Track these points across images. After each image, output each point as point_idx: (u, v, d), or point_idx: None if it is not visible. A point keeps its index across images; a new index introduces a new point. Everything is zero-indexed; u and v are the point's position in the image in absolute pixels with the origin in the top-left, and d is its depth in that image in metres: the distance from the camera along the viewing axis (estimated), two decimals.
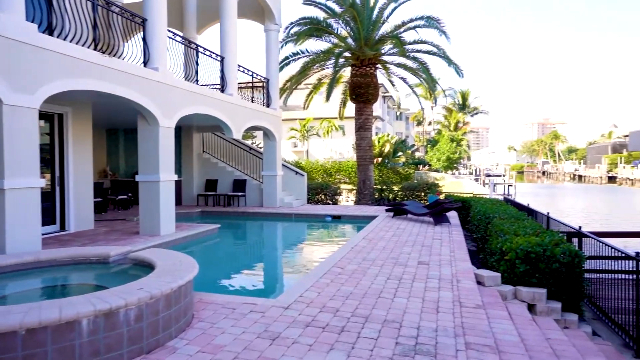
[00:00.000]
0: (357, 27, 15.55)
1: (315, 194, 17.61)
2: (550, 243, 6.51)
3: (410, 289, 5.55)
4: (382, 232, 9.93)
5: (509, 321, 5.17)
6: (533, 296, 6.22)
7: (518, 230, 7.69)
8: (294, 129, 40.07)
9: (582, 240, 8.05)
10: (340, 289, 5.46)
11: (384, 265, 6.78)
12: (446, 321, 4.46)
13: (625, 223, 25.40)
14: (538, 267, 6.35)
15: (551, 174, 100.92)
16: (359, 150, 17.01)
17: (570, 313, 6.26)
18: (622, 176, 65.74)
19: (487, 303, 5.75)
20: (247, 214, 14.11)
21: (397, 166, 37.64)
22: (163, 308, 3.57)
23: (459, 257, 7.54)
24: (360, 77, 16.27)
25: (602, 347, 5.63)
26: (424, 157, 53.06)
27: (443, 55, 15.85)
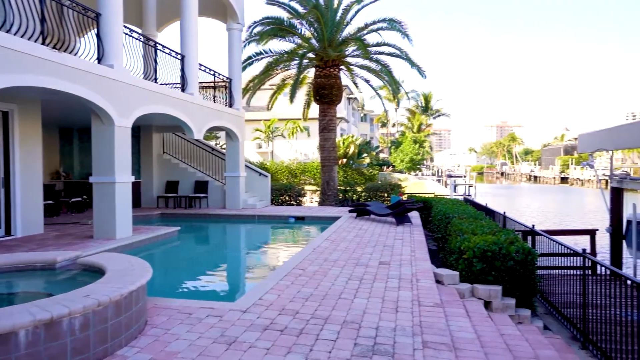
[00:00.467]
0: (320, 29, 15.57)
1: (279, 195, 17.50)
2: (505, 241, 6.71)
3: (370, 289, 5.57)
4: (344, 232, 9.96)
5: (465, 318, 5.28)
6: (489, 293, 6.39)
7: (476, 229, 7.89)
8: (258, 129, 39.74)
9: (535, 238, 8.35)
10: (301, 290, 5.41)
11: (346, 266, 6.78)
12: (405, 320, 4.49)
13: (575, 221, 26.67)
14: (494, 265, 6.53)
15: (509, 175, 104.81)
16: (323, 152, 17.04)
17: (524, 309, 6.47)
18: (573, 177, 69.22)
19: (446, 301, 5.86)
20: (209, 216, 13.82)
21: (362, 167, 38.01)
22: (112, 315, 3.40)
23: (419, 256, 7.65)
24: (324, 78, 16.30)
25: (552, 340, 5.83)
26: (388, 158, 53.87)
27: (405, 57, 16.12)
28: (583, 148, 12.05)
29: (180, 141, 16.37)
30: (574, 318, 6.31)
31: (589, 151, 11.62)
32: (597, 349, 5.57)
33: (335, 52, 15.70)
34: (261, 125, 39.58)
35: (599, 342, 5.53)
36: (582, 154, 12.21)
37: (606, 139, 10.87)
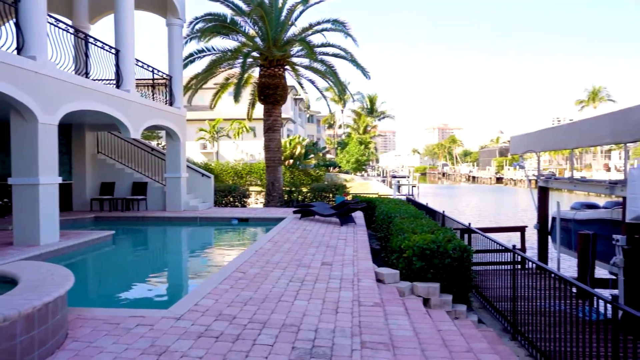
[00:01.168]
0: (265, 28, 15.37)
1: (223, 197, 17.09)
2: (443, 240, 6.91)
3: (311, 291, 5.51)
4: (288, 234, 9.86)
5: (405, 316, 5.37)
6: (428, 291, 6.55)
7: (416, 228, 8.08)
8: (203, 129, 38.68)
9: (471, 235, 8.69)
10: (240, 294, 5.25)
11: (288, 268, 6.69)
12: (344, 321, 4.47)
13: (509, 219, 28.28)
14: (433, 262, 6.69)
15: (450, 175, 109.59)
16: (268, 152, 16.84)
17: (460, 304, 6.69)
18: (507, 177, 73.63)
19: (386, 300, 5.93)
20: (147, 219, 13.20)
21: (309, 168, 38.07)
22: (23, 331, 3.08)
23: (361, 256, 7.71)
24: (269, 78, 16.11)
25: (485, 333, 6.08)
26: (335, 159, 54.43)
27: (350, 59, 16.29)
28: (514, 150, 12.77)
29: (117, 140, 15.53)
30: (505, 311, 6.61)
31: (520, 152, 12.34)
32: (525, 339, 5.86)
33: (280, 51, 15.56)
34: (206, 125, 38.56)
35: (527, 333, 5.82)
36: (514, 155, 12.93)
37: (534, 141, 11.59)
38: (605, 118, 9.06)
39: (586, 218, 10.00)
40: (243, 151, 41.69)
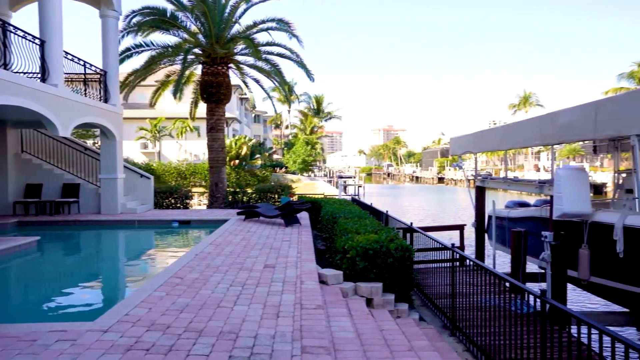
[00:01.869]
0: (208, 24, 14.92)
1: (164, 198, 16.40)
2: (386, 240, 6.97)
3: (252, 295, 5.35)
4: (231, 236, 9.59)
5: (347, 318, 5.34)
6: (371, 291, 6.58)
7: (360, 228, 8.12)
8: (143, 128, 37.07)
9: (412, 235, 8.87)
10: (176, 301, 4.98)
11: (229, 272, 6.47)
12: (285, 326, 4.35)
13: (450, 217, 29.46)
14: (376, 262, 6.74)
15: (394, 176, 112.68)
16: (211, 152, 16.36)
17: (402, 303, 6.79)
18: (448, 177, 76.92)
19: (329, 302, 5.88)
20: (79, 223, 12.36)
21: (255, 168, 37.58)
22: None
23: (305, 257, 7.63)
24: (212, 76, 15.65)
25: (426, 330, 6.20)
26: (281, 159, 54.17)
27: (296, 59, 16.20)
28: (454, 151, 13.26)
29: (45, 139, 14.42)
30: (444, 308, 6.78)
31: (459, 153, 12.82)
32: (462, 335, 6.03)
33: (223, 49, 15.16)
34: (147, 124, 36.97)
35: (465, 328, 5.99)
36: (454, 155, 13.44)
37: (472, 142, 12.09)
38: (535, 121, 9.62)
39: (518, 216, 10.56)
40: (187, 151, 40.41)
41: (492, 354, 5.23)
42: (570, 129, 7.30)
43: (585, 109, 6.78)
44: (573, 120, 7.21)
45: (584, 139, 7.54)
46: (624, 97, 6.56)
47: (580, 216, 7.30)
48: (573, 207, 7.20)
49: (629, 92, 6.77)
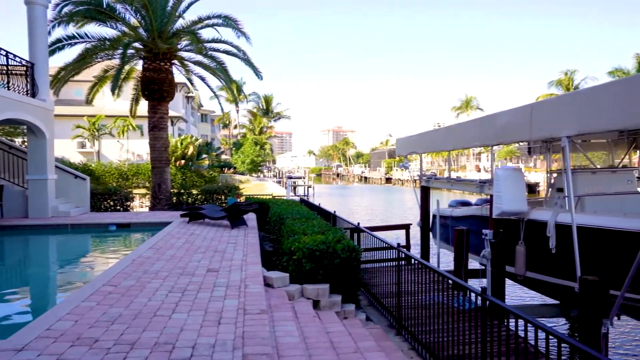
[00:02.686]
0: (149, 17, 14.23)
1: (101, 201, 15.48)
2: (333, 240, 6.90)
3: (193, 302, 5.08)
4: (173, 239, 9.16)
5: (292, 322, 5.20)
6: (317, 292, 6.49)
7: (307, 229, 8.00)
8: (80, 126, 34.96)
9: (359, 235, 8.89)
10: (108, 312, 4.61)
11: (169, 277, 6.13)
12: (227, 333, 4.15)
13: (398, 217, 30.14)
14: (322, 263, 6.65)
15: (344, 176, 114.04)
16: (154, 152, 15.63)
17: (349, 304, 6.75)
18: (395, 177, 78.93)
19: (274, 305, 5.72)
20: (3, 228, 11.34)
21: (202, 169, 36.56)
22: None
23: (251, 260, 7.41)
24: (154, 72, 14.94)
25: (373, 330, 6.20)
26: (230, 159, 53.12)
27: (243, 57, 15.83)
28: (400, 151, 13.50)
29: None
30: (391, 307, 6.82)
31: (404, 154, 13.07)
32: (408, 333, 6.08)
33: (166, 44, 14.51)
34: (84, 121, 34.91)
35: (410, 327, 6.04)
36: (400, 156, 13.68)
37: (417, 143, 12.36)
38: (475, 123, 9.97)
39: (460, 215, 10.90)
40: (129, 151, 38.59)
41: (436, 351, 5.30)
42: (508, 130, 7.61)
43: (522, 112, 7.09)
44: (510, 122, 7.52)
45: (520, 140, 7.89)
46: (555, 101, 6.93)
47: (517, 214, 7.61)
48: (511, 206, 7.49)
49: (560, 96, 7.17)
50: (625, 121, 4.97)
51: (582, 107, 5.67)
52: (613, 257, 5.99)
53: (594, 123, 5.47)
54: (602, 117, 5.30)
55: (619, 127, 5.56)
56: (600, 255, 6.15)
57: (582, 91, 5.77)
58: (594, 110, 5.43)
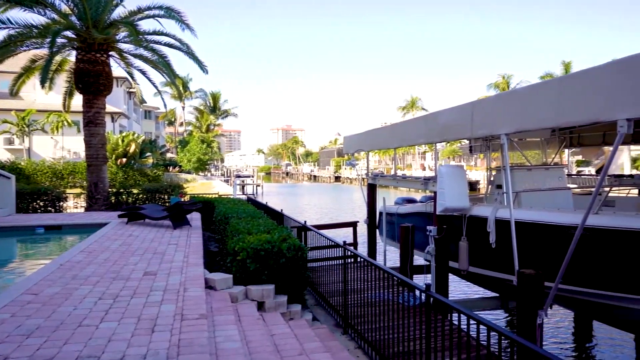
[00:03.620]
0: (82, 5, 13.27)
1: (30, 201, 14.31)
2: (278, 239, 6.72)
3: (125, 308, 4.70)
4: (109, 241, 8.58)
5: (234, 325, 4.96)
6: (262, 293, 6.28)
7: (252, 228, 7.77)
8: (7, 121, 32.33)
9: (306, 233, 8.76)
10: (24, 324, 4.15)
11: (100, 283, 5.67)
12: (161, 342, 3.85)
13: (347, 214, 30.39)
14: (268, 263, 6.45)
15: (293, 175, 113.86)
16: (90, 149, 14.65)
17: (295, 304, 6.59)
18: (344, 176, 79.80)
19: (216, 309, 5.45)
20: None
21: (145, 167, 35.06)
22: None
23: (192, 262, 7.07)
24: (89, 64, 13.98)
25: (319, 331, 6.07)
26: (175, 158, 51.31)
27: (186, 50, 15.20)
28: (347, 149, 13.53)
29: None
30: (337, 305, 6.74)
31: (351, 152, 13.11)
32: (355, 332, 6.02)
33: (101, 34, 13.60)
34: (13, 116, 32.33)
35: (357, 325, 5.98)
36: (347, 154, 13.72)
37: (363, 141, 12.43)
38: (420, 121, 10.15)
39: (406, 212, 11.07)
40: (64, 148, 36.21)
41: (382, 349, 5.26)
42: (450, 128, 7.77)
43: (463, 110, 7.26)
44: (453, 120, 7.69)
45: (462, 138, 8.09)
46: (494, 100, 7.15)
47: (459, 211, 7.79)
48: (453, 202, 7.65)
49: (498, 95, 7.42)
50: (558, 119, 5.18)
51: (519, 105, 5.87)
52: (548, 250, 6.25)
53: (530, 121, 5.68)
54: (538, 116, 5.50)
55: (552, 125, 5.80)
56: (537, 249, 6.41)
57: (519, 90, 5.96)
58: (530, 108, 5.63)
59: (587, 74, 4.68)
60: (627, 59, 4.30)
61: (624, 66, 4.27)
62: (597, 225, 5.42)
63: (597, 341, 9.21)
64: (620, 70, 4.30)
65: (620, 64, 4.31)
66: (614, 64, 4.35)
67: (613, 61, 4.37)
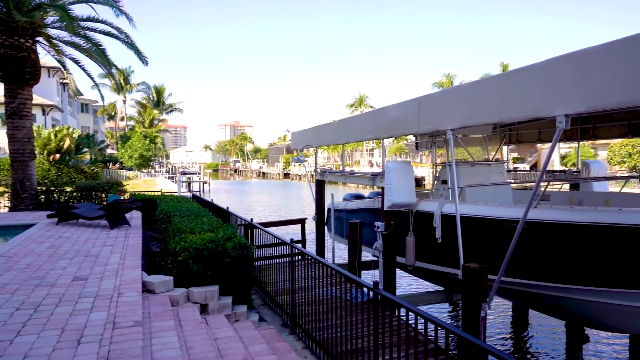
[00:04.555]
0: None
1: None
2: (223, 238, 6.43)
3: (47, 319, 4.24)
4: (34, 244, 7.85)
5: (174, 331, 4.63)
6: (205, 295, 5.97)
7: (195, 227, 7.42)
8: None
9: (253, 231, 8.49)
10: None
11: (19, 290, 5.12)
12: (87, 355, 3.48)
13: (297, 211, 30.22)
14: (211, 264, 6.15)
15: (241, 172, 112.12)
16: (14, 143, 13.41)
17: (241, 305, 6.34)
18: (293, 173, 79.60)
19: (154, 314, 5.08)
20: None
21: (82, 164, 33.04)
22: None
23: (129, 264, 6.59)
24: (11, 50, 12.75)
25: (265, 332, 5.86)
26: (116, 154, 48.74)
27: (124, 39, 14.30)
28: (295, 145, 13.34)
29: None
30: (285, 304, 6.56)
31: (299, 147, 12.93)
32: (302, 331, 5.86)
33: (25, 17, 12.42)
34: None
35: (304, 324, 5.83)
36: (295, 150, 13.53)
37: (311, 136, 12.29)
38: (368, 116, 10.17)
39: (354, 208, 11.06)
40: None
41: (330, 347, 5.15)
42: (398, 123, 7.80)
43: (411, 105, 7.29)
44: (400, 115, 7.71)
45: (409, 133, 8.14)
46: (440, 95, 7.24)
47: (407, 206, 7.84)
48: (401, 198, 7.68)
49: (445, 90, 7.51)
50: (501, 115, 5.29)
51: (465, 101, 5.95)
52: (491, 244, 6.41)
53: (475, 116, 5.76)
54: (482, 111, 5.59)
55: (496, 120, 5.94)
56: (480, 242, 6.55)
57: (465, 86, 6.05)
58: (475, 104, 5.71)
59: (528, 70, 4.80)
60: (564, 57, 4.43)
61: (562, 63, 4.39)
62: (539, 219, 5.60)
63: (533, 330, 9.68)
64: (559, 68, 4.42)
65: (559, 61, 4.43)
66: (553, 61, 4.47)
67: (552, 58, 4.50)
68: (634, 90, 3.55)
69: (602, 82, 3.81)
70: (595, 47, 4.00)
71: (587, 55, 4.03)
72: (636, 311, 5.47)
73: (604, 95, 3.80)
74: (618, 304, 5.49)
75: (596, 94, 3.88)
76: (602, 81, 3.82)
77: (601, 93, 3.83)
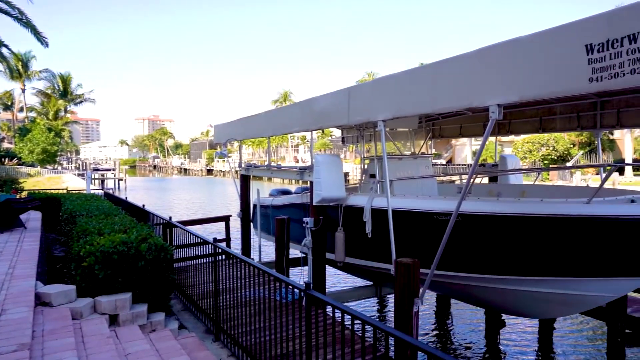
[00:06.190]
0: None
1: None
2: (136, 239, 5.75)
3: None
4: None
5: (73, 351, 3.96)
6: (115, 305, 5.27)
7: (104, 228, 6.59)
8: None
9: (172, 230, 7.80)
10: None
11: None
12: None
13: (221, 209, 29.14)
14: (122, 268, 5.45)
15: (161, 168, 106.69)
16: None
17: (158, 313, 5.72)
18: (217, 169, 77.29)
19: (49, 331, 4.33)
20: None
21: None
22: None
23: (20, 273, 5.65)
24: None
25: (186, 341, 5.32)
26: (14, 148, 43.64)
27: (16, 16, 12.52)
28: (218, 138, 12.65)
29: None
30: (208, 309, 6.04)
31: (223, 141, 12.27)
32: (228, 337, 5.42)
33: None
34: None
35: (230, 329, 5.38)
36: (218, 143, 12.82)
37: (235, 129, 11.69)
38: (295, 107, 9.83)
39: (281, 204, 10.69)
40: None
41: (258, 353, 4.76)
42: (327, 114, 7.55)
43: (340, 96, 7.07)
44: (329, 106, 7.48)
45: (339, 124, 7.94)
46: (371, 85, 7.10)
47: (336, 200, 7.64)
48: (330, 192, 7.46)
49: (375, 80, 7.38)
50: (434, 105, 5.22)
51: (397, 91, 5.83)
52: (422, 237, 6.38)
53: (407, 107, 5.66)
54: (414, 101, 5.50)
55: (429, 111, 5.90)
56: (411, 236, 6.50)
57: (396, 75, 5.92)
58: (406, 94, 5.61)
59: (460, 60, 4.75)
60: (496, 46, 4.42)
61: (494, 52, 4.38)
62: (470, 211, 5.62)
63: (456, 319, 10.03)
64: (491, 57, 4.40)
65: (491, 50, 4.42)
66: (486, 50, 4.45)
67: (484, 47, 4.47)
68: (565, 79, 3.57)
69: (534, 72, 3.82)
70: (527, 36, 4.02)
71: (519, 45, 4.03)
72: (548, 297, 5.72)
73: (536, 85, 3.81)
74: (530, 291, 5.71)
75: (528, 83, 3.88)
76: (534, 70, 3.82)
77: (533, 82, 3.83)
